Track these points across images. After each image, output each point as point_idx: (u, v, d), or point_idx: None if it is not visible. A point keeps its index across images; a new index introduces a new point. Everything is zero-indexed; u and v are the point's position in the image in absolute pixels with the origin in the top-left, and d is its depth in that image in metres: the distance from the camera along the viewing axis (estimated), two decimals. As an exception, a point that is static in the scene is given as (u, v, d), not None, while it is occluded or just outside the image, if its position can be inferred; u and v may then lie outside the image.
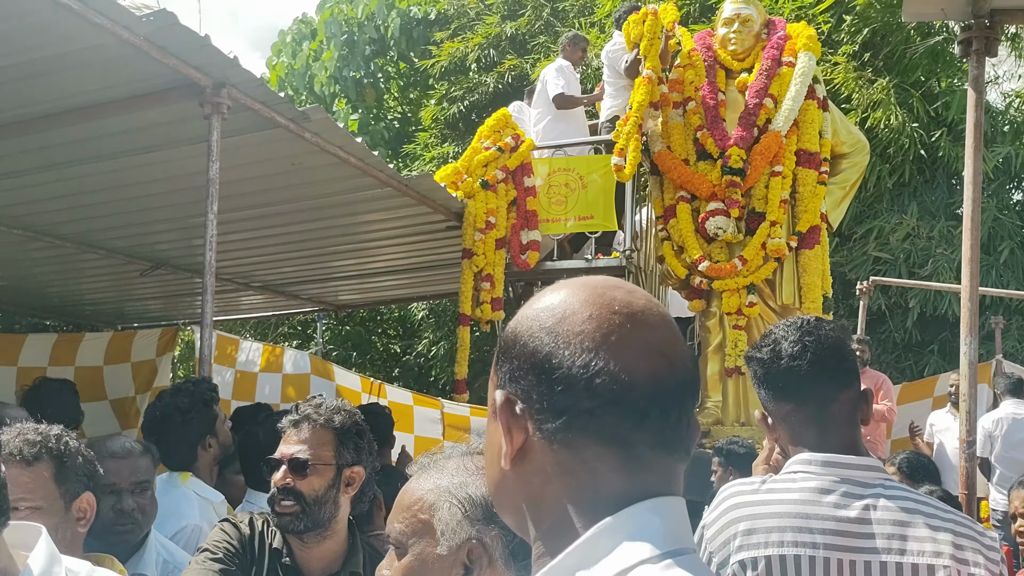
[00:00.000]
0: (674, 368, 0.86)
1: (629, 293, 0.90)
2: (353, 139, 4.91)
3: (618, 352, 0.84)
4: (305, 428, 2.20)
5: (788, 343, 1.72)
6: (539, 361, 0.86)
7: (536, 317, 0.89)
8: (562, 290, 0.91)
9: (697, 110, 6.36)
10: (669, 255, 6.30)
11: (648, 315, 0.88)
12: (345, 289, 8.68)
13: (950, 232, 9.89)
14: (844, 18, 9.86)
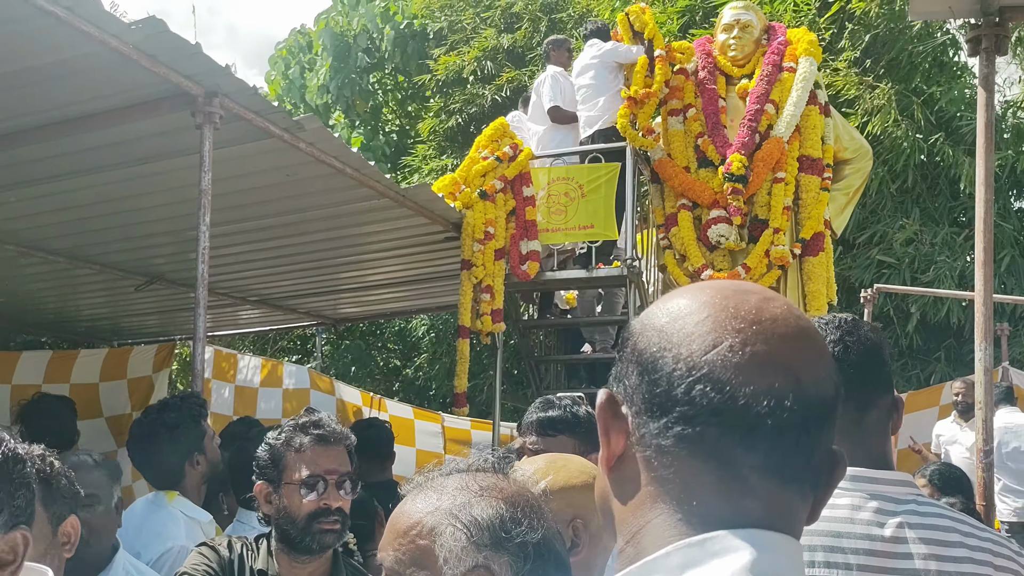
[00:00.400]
0: (801, 385, 0.76)
1: (763, 300, 0.81)
2: (349, 149, 4.83)
3: (730, 359, 0.76)
4: (336, 444, 2.20)
5: (829, 343, 1.59)
6: (644, 360, 0.80)
7: (653, 315, 0.84)
8: (687, 292, 0.85)
9: (697, 117, 6.29)
10: (671, 264, 6.21)
11: (780, 324, 0.79)
12: (344, 302, 8.59)
13: (952, 239, 9.82)
14: (846, 24, 9.80)
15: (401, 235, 6.25)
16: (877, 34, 9.70)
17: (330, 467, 2.15)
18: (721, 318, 0.79)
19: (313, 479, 2.13)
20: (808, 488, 0.78)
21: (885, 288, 8.24)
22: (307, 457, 2.15)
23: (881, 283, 8.55)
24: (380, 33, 14.24)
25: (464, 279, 6.08)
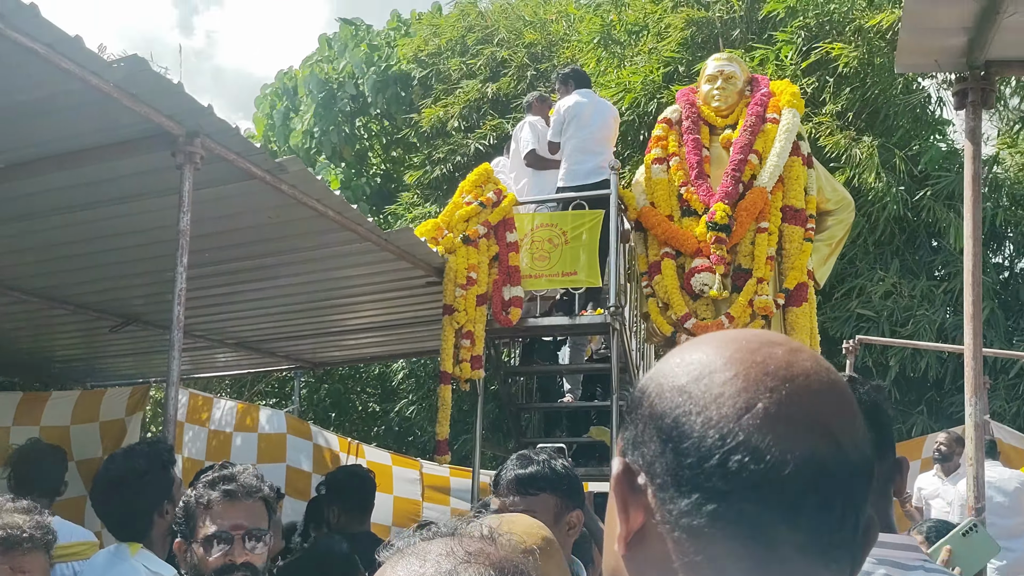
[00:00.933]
0: (842, 449, 0.69)
1: (791, 352, 0.73)
2: (331, 192, 4.79)
3: (767, 423, 0.68)
4: (246, 498, 2.17)
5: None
6: (666, 426, 0.71)
7: (670, 373, 0.74)
8: (705, 344, 0.76)
9: (681, 166, 6.30)
10: (654, 312, 6.17)
11: (813, 380, 0.71)
12: (323, 346, 8.48)
13: (931, 292, 9.86)
14: (828, 79, 9.94)
15: (383, 279, 6.19)
16: (858, 88, 9.83)
17: (237, 522, 2.14)
18: (753, 375, 0.70)
19: (219, 535, 2.13)
20: (847, 561, 0.71)
21: (867, 340, 8.24)
22: (215, 512, 2.15)
23: (860, 336, 8.54)
24: (365, 78, 14.32)
25: (446, 324, 6.02)
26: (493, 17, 13.49)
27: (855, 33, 9.72)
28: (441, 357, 6.02)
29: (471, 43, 13.33)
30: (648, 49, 11.25)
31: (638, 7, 11.93)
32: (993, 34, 2.95)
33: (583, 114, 6.66)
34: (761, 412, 0.68)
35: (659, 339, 6.31)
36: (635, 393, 0.77)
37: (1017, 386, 9.37)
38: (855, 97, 9.86)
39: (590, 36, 12.00)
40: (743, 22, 10.88)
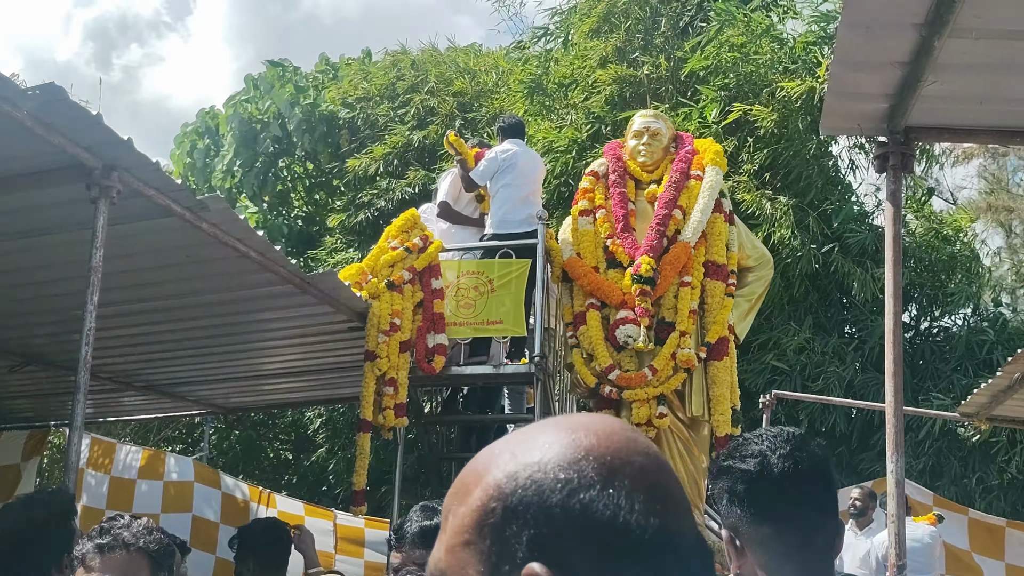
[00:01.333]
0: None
1: (635, 439, 0.76)
2: (254, 232, 4.66)
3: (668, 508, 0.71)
4: (116, 551, 2.09)
5: (778, 457, 1.50)
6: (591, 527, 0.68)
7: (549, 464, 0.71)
8: (555, 429, 0.74)
9: (607, 218, 6.36)
10: (579, 363, 6.16)
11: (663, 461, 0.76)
12: (237, 391, 8.21)
13: (842, 348, 10.15)
14: (747, 139, 10.24)
15: (304, 323, 6.04)
16: (774, 149, 10.15)
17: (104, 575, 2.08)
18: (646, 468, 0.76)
19: None
20: None
21: (783, 395, 8.40)
22: (87, 566, 2.11)
23: (774, 389, 8.71)
24: (290, 118, 14.17)
25: (367, 371, 5.88)
26: (424, 65, 13.55)
27: (771, 96, 10.08)
28: (361, 404, 5.88)
29: (401, 90, 13.36)
30: (576, 103, 11.44)
31: (567, 61, 12.16)
32: (914, 101, 3.06)
33: (519, 163, 6.68)
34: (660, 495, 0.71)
35: (583, 390, 6.30)
36: (499, 492, 0.71)
37: (924, 443, 9.65)
38: (771, 157, 10.18)
39: (519, 87, 12.15)
40: (669, 80, 11.17)
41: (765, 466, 1.51)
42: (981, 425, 6.87)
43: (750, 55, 10.26)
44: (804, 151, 10.19)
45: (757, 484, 1.50)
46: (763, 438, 1.56)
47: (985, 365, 9.76)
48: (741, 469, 1.53)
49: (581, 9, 12.42)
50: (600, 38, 11.67)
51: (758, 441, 1.56)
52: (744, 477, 1.52)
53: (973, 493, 9.46)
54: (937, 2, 2.65)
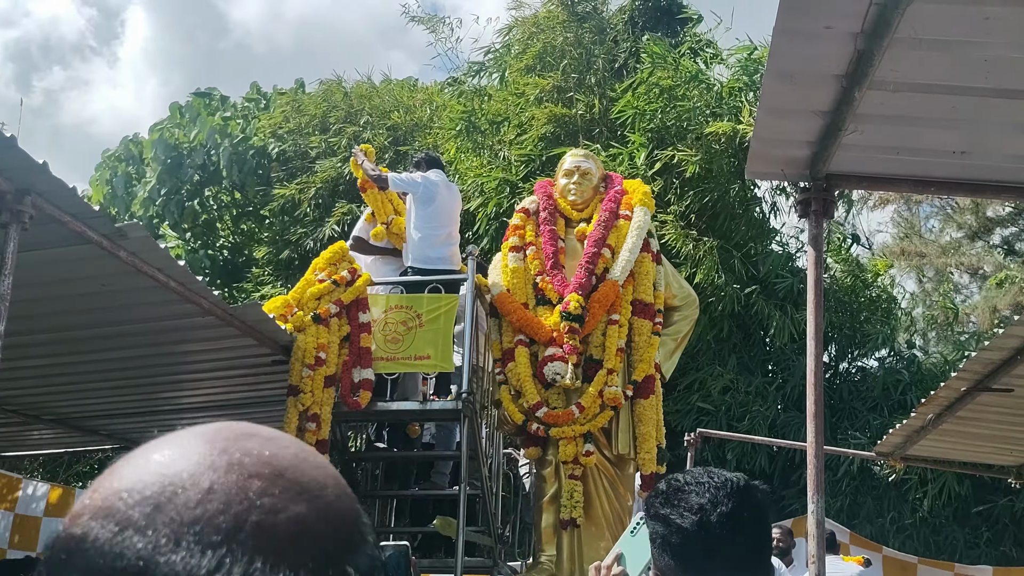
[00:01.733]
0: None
1: (268, 441, 0.56)
2: (175, 261, 4.53)
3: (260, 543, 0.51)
4: None
5: (719, 515, 1.43)
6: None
7: (122, 494, 0.52)
8: (168, 447, 0.56)
9: (537, 255, 6.39)
10: (506, 399, 6.13)
11: (303, 475, 0.55)
12: (155, 425, 7.91)
13: (765, 388, 10.34)
14: (673, 181, 10.44)
15: (226, 355, 5.89)
16: (700, 192, 10.36)
17: None
18: (234, 483, 0.53)
19: None
20: None
21: (707, 433, 8.49)
22: None
23: (701, 429, 8.80)
24: (216, 148, 13.93)
25: (290, 406, 5.74)
26: (358, 98, 13.50)
27: (696, 139, 10.31)
28: (283, 441, 5.72)
29: (333, 121, 13.27)
30: (509, 140, 11.53)
31: (501, 98, 12.26)
32: (835, 149, 3.16)
33: (440, 195, 6.66)
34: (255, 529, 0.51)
35: (510, 427, 6.27)
36: (65, 535, 0.53)
37: (841, 482, 9.86)
38: (697, 199, 10.39)
39: (452, 123, 12.19)
40: (601, 122, 11.36)
41: (704, 524, 1.44)
42: (896, 465, 7.05)
43: (678, 98, 10.51)
44: (728, 194, 10.44)
45: (693, 541, 1.44)
46: (705, 488, 1.47)
47: (900, 405, 10.06)
48: (677, 524, 1.46)
49: (516, 47, 12.57)
50: (535, 75, 11.81)
51: (699, 492, 1.47)
52: (680, 532, 1.46)
53: (887, 532, 9.69)
54: (857, 55, 2.74)
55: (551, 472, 6.06)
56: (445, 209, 6.68)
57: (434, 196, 6.59)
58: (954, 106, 2.93)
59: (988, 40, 2.63)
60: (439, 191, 6.64)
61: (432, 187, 6.61)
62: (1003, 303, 15.73)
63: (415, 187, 6.62)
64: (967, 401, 5.11)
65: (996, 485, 9.28)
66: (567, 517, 5.81)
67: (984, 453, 6.85)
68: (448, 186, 6.88)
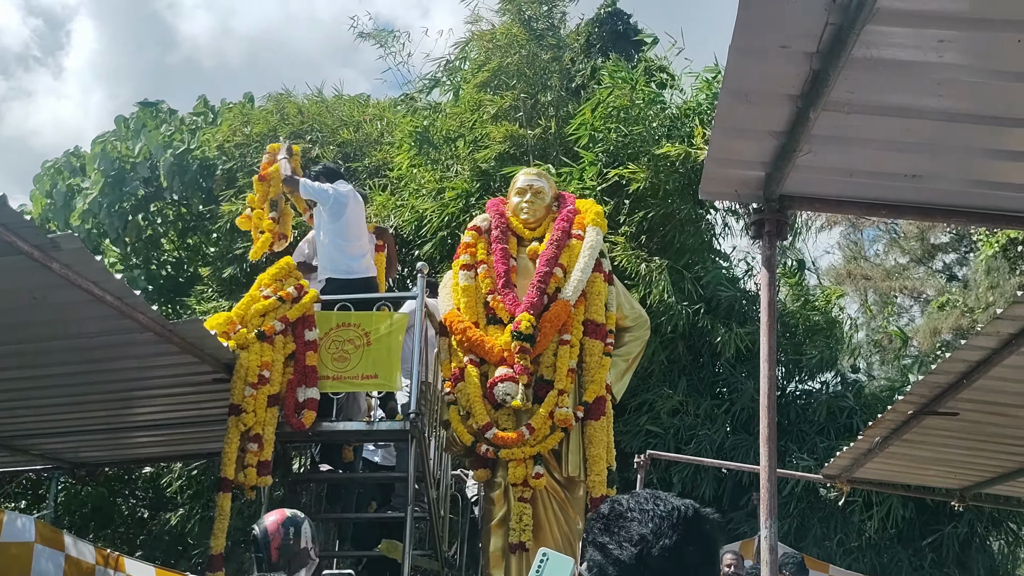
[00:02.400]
0: None
1: None
2: (111, 274, 4.35)
3: None
4: None
5: (661, 548, 1.35)
6: None
7: None
8: None
9: (488, 274, 6.31)
10: (455, 420, 6.02)
11: None
12: (89, 445, 7.63)
13: (713, 411, 10.35)
14: (624, 202, 10.44)
15: (164, 373, 5.69)
16: (651, 212, 10.37)
17: None
18: None
19: None
20: None
21: (657, 455, 8.45)
22: None
23: (651, 451, 8.76)
24: (162, 160, 13.60)
25: (231, 426, 5.57)
26: (309, 112, 13.33)
27: (649, 160, 10.33)
28: (223, 461, 5.54)
29: (283, 135, 13.06)
30: (463, 155, 11.46)
31: (455, 114, 12.18)
32: (788, 170, 3.14)
33: (351, 208, 6.62)
34: None
35: (459, 448, 6.15)
36: None
37: (789, 504, 9.89)
38: (648, 220, 10.40)
39: (404, 139, 12.08)
40: (555, 142, 11.34)
41: (643, 558, 1.36)
42: (843, 487, 7.07)
43: (633, 120, 10.55)
44: (679, 214, 10.48)
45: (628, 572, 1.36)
46: (649, 517, 1.39)
47: (846, 429, 10.14)
48: (615, 556, 1.38)
49: (473, 63, 12.53)
50: (491, 91, 11.77)
51: (642, 521, 1.39)
52: (617, 564, 1.37)
53: (834, 554, 9.73)
54: (813, 75, 2.72)
55: (500, 495, 5.95)
56: (355, 219, 6.69)
57: (345, 207, 6.57)
58: (907, 129, 2.92)
59: (942, 62, 2.63)
60: (349, 202, 6.63)
61: (343, 198, 6.60)
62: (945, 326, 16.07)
63: (326, 198, 6.58)
64: (913, 424, 5.14)
65: (940, 509, 9.39)
66: (516, 541, 5.70)
67: (929, 476, 6.91)
68: (356, 196, 6.84)
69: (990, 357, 4.07)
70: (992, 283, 15.35)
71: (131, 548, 12.32)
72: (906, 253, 18.06)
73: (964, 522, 9.62)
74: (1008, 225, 3.43)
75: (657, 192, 10.28)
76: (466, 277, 6.34)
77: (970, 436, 5.43)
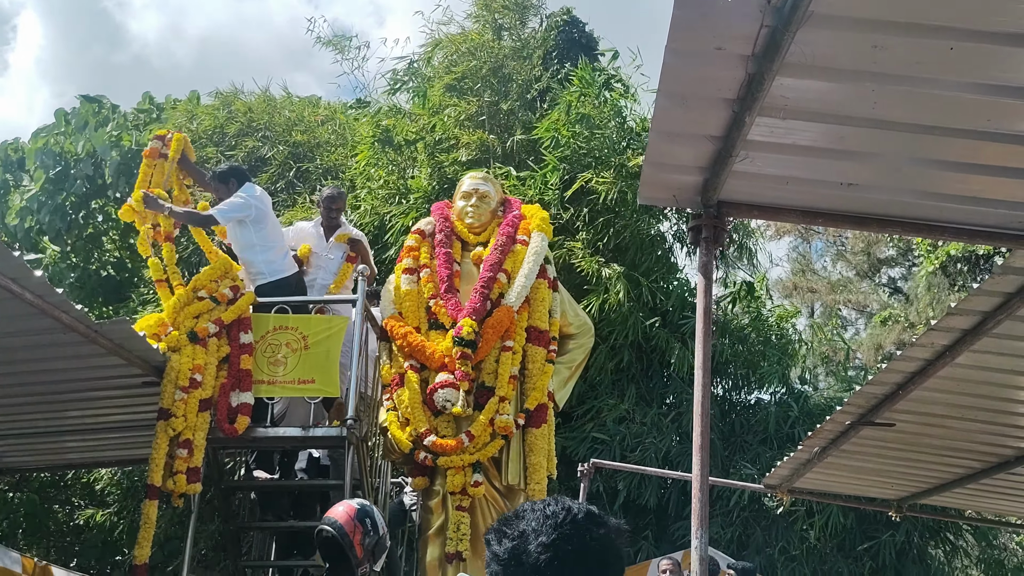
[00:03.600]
0: None
1: None
2: (30, 271, 4.17)
3: None
4: None
5: (538, 544, 1.32)
6: None
7: None
8: None
9: (431, 278, 6.21)
10: (394, 426, 5.90)
11: None
12: (12, 450, 7.35)
13: (660, 420, 10.35)
14: (584, 209, 10.39)
15: (90, 376, 5.49)
16: (611, 220, 10.32)
17: None
18: None
19: None
20: None
21: (601, 464, 8.40)
22: None
23: (595, 458, 8.72)
24: (109, 160, 13.22)
25: (159, 431, 5.38)
26: (258, 112, 13.09)
27: (609, 169, 10.30)
28: (150, 468, 5.35)
29: (230, 132, 12.82)
30: (422, 159, 11.32)
31: (417, 115, 12.01)
32: (725, 176, 3.09)
33: (269, 209, 6.38)
34: None
35: (397, 456, 6.03)
36: None
37: (733, 513, 9.93)
38: (607, 227, 10.35)
39: (363, 139, 11.90)
40: (518, 147, 11.25)
41: (516, 553, 1.33)
42: (783, 497, 7.09)
43: (596, 127, 10.52)
44: (637, 224, 10.47)
45: (508, 570, 1.34)
46: (535, 516, 1.37)
47: (789, 439, 10.21)
48: (495, 551, 1.37)
49: (439, 66, 12.38)
50: (455, 96, 11.64)
51: (528, 518, 1.38)
52: (496, 559, 1.36)
53: (776, 562, 9.79)
54: (748, 78, 2.68)
55: (438, 503, 5.84)
56: (274, 220, 6.44)
57: (266, 213, 6.27)
58: (843, 136, 2.90)
59: (876, 69, 2.61)
60: (266, 205, 6.32)
61: (261, 204, 6.23)
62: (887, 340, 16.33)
63: (248, 211, 6.15)
64: (851, 435, 5.16)
65: (878, 518, 9.49)
66: (452, 550, 5.60)
67: (866, 487, 6.96)
68: (266, 195, 6.48)
69: (924, 368, 4.09)
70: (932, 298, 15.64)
71: (67, 556, 11.94)
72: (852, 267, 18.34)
73: (901, 531, 9.74)
74: (942, 236, 3.43)
75: (618, 200, 10.23)
76: (408, 281, 6.24)
77: (906, 447, 5.47)
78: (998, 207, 3.14)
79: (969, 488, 6.17)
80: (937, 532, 10.38)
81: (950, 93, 2.67)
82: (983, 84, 2.61)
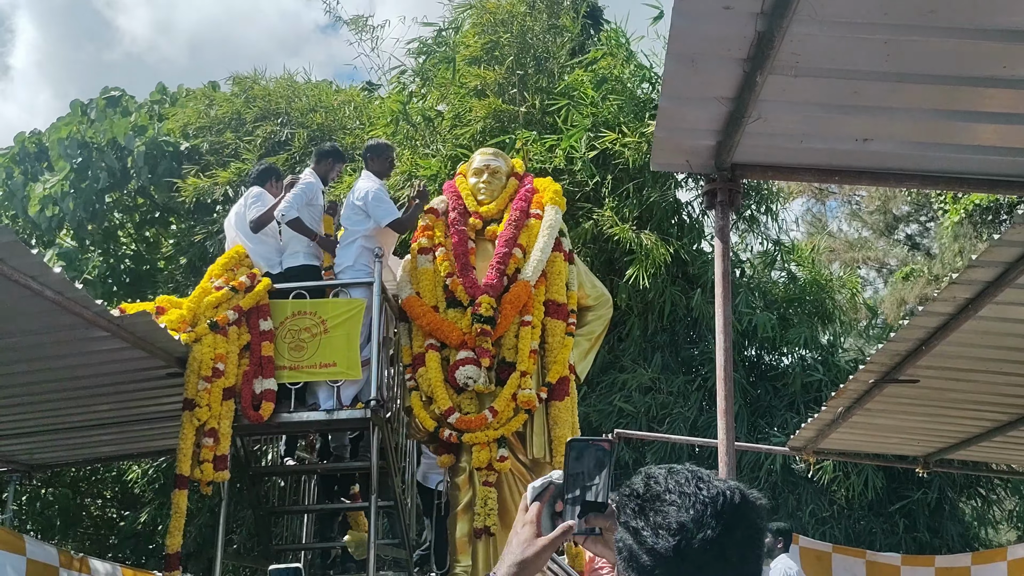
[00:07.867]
0: None
1: None
2: (49, 269, 4.19)
3: None
4: None
5: (701, 539, 1.18)
6: None
7: None
8: None
9: (447, 257, 6.20)
10: (417, 406, 5.91)
11: None
12: (43, 446, 7.44)
13: (687, 388, 10.28)
14: (608, 176, 10.27)
15: (115, 369, 5.53)
16: (639, 186, 10.18)
17: None
18: None
19: None
20: None
21: (626, 434, 8.40)
22: None
23: (621, 429, 8.70)
24: (135, 149, 13.16)
25: (185, 421, 5.42)
26: (276, 97, 13.05)
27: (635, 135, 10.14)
28: (178, 458, 5.40)
29: (249, 119, 12.79)
30: (443, 134, 11.22)
31: (442, 83, 11.86)
32: (739, 138, 3.06)
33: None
34: None
35: (421, 434, 6.05)
36: None
37: (761, 479, 9.90)
38: (636, 194, 10.22)
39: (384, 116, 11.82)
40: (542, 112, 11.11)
41: (681, 551, 1.19)
42: (809, 458, 7.07)
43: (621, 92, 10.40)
44: (664, 191, 10.36)
45: (666, 567, 1.20)
46: (690, 503, 1.22)
47: (816, 402, 10.14)
48: (650, 545, 1.21)
49: (468, 33, 12.20)
50: (480, 66, 11.49)
51: (682, 506, 1.22)
52: (651, 553, 1.21)
53: (807, 525, 9.77)
54: (758, 37, 2.64)
55: (465, 479, 5.86)
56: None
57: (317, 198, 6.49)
58: (856, 91, 2.85)
59: (887, 22, 2.56)
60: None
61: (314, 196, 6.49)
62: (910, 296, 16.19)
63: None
64: (875, 393, 5.12)
65: (910, 476, 9.44)
66: (480, 526, 5.62)
67: (892, 444, 6.93)
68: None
69: (947, 323, 4.04)
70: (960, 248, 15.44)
71: (101, 549, 12.11)
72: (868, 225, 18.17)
73: (934, 488, 9.69)
74: (962, 187, 3.38)
75: (645, 166, 10.05)
76: (424, 260, 6.23)
77: (931, 403, 5.43)
78: (1018, 155, 3.08)
79: (996, 441, 6.12)
80: (968, 487, 10.32)
81: (966, 40, 2.61)
82: (1000, 30, 2.56)
